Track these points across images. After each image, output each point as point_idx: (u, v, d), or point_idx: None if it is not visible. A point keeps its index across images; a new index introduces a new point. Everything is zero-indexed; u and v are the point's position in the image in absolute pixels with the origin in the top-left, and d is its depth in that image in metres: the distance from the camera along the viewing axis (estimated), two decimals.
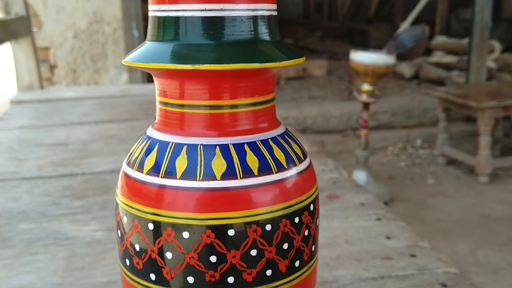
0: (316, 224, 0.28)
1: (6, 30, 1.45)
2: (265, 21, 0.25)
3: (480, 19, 2.89)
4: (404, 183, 2.56)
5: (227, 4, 0.23)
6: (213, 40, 0.23)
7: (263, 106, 0.26)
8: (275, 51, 0.25)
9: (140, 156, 0.26)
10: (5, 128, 1.37)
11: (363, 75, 2.14)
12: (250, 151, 0.25)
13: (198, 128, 0.25)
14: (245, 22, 0.24)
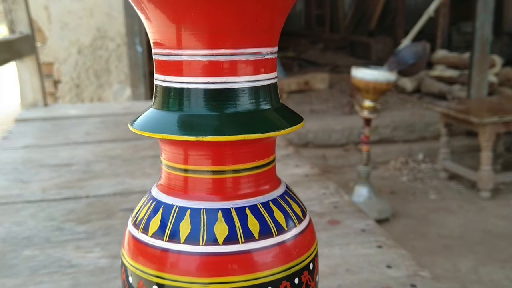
0: (315, 281, 0.29)
1: (10, 50, 1.47)
2: (265, 90, 0.26)
3: (480, 34, 2.91)
4: (406, 198, 2.56)
5: (229, 77, 0.24)
6: (216, 111, 0.25)
7: (264, 168, 0.27)
8: (275, 119, 0.26)
9: (145, 217, 0.27)
10: (9, 147, 1.38)
11: (364, 92, 2.15)
12: (251, 214, 0.26)
13: (201, 192, 0.26)
14: (246, 93, 0.25)
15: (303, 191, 0.99)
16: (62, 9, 2.58)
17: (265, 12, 0.24)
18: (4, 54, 1.37)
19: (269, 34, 0.26)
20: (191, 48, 0.24)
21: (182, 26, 0.24)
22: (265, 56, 0.26)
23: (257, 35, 0.25)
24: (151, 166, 1.22)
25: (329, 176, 2.86)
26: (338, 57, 5.86)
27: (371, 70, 2.11)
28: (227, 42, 0.24)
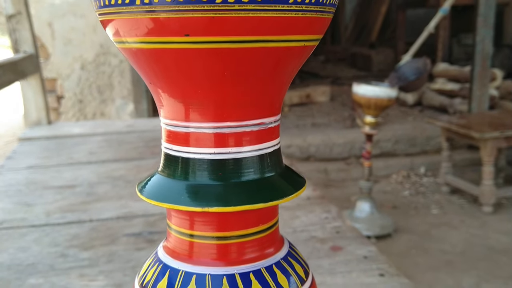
0: None
1: (15, 71, 1.48)
2: (269, 157, 0.27)
3: (481, 48, 2.92)
4: (408, 212, 2.56)
5: (234, 147, 0.25)
6: (221, 180, 0.25)
7: (268, 231, 0.28)
8: (279, 185, 0.27)
9: (152, 280, 0.28)
10: (13, 168, 1.39)
11: (365, 107, 2.16)
12: (255, 280, 0.26)
13: (207, 257, 0.27)
14: (250, 162, 0.26)
15: (306, 215, 1.00)
16: (66, 25, 2.61)
17: (269, 88, 0.25)
18: (9, 75, 1.39)
19: (273, 105, 0.26)
20: (197, 121, 0.25)
21: (190, 103, 0.25)
22: (268, 125, 0.27)
23: (261, 108, 0.26)
24: None
25: (331, 190, 2.87)
26: (339, 69, 5.89)
27: (372, 87, 2.12)
28: (232, 116, 0.25)
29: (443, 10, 2.30)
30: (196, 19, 0.21)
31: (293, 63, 0.26)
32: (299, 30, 0.23)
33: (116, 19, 0.23)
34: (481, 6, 2.87)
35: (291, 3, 0.22)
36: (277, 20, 0.22)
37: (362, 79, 5.37)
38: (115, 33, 0.24)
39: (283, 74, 0.25)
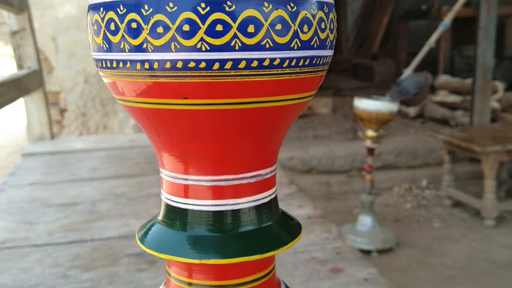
0: None
1: (19, 87, 1.50)
2: (266, 206, 0.28)
3: (482, 61, 2.93)
4: (410, 226, 2.56)
5: (231, 199, 0.26)
6: (218, 232, 0.26)
7: (266, 278, 0.29)
8: (276, 233, 0.27)
9: None
10: (16, 184, 1.40)
11: (367, 122, 2.17)
12: None
13: None
14: (247, 212, 0.27)
15: (306, 235, 1.00)
16: (69, 39, 2.63)
17: (265, 142, 0.26)
18: (13, 93, 1.40)
19: (269, 157, 0.27)
20: (196, 174, 0.26)
21: (189, 158, 0.26)
22: (265, 176, 0.27)
23: (257, 161, 0.27)
24: (155, 205, 1.23)
25: (333, 203, 2.87)
26: (341, 80, 5.90)
27: (374, 101, 2.13)
28: (230, 169, 0.26)
29: (444, 25, 2.31)
30: (194, 84, 0.22)
31: (288, 119, 0.27)
32: (294, 90, 0.24)
33: (117, 80, 0.24)
34: (482, 19, 2.89)
35: (285, 67, 0.23)
36: (272, 83, 0.23)
37: (364, 90, 5.38)
38: (116, 91, 0.25)
39: (279, 129, 0.26)
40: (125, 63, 0.23)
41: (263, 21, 0.22)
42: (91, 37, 0.26)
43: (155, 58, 0.22)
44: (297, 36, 0.23)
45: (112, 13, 0.23)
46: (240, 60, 0.22)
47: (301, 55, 0.23)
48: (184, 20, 0.22)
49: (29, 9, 1.76)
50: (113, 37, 0.23)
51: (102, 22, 0.24)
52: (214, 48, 0.21)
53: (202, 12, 0.22)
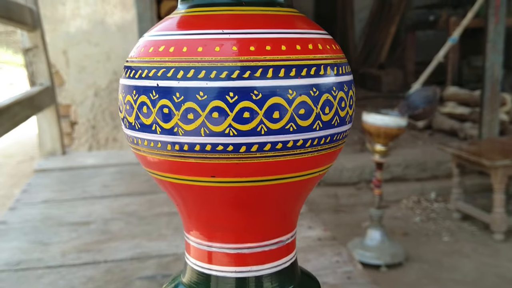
0: None
1: (32, 105, 1.52)
2: (287, 270, 0.29)
3: (491, 74, 2.93)
4: (419, 240, 2.55)
5: (254, 266, 0.27)
6: None
7: None
8: None
9: None
10: (29, 202, 1.42)
11: (375, 136, 2.17)
12: None
13: None
14: (269, 277, 0.28)
15: (316, 258, 1.01)
16: (80, 53, 2.66)
17: (287, 212, 0.27)
18: (26, 111, 1.42)
19: (290, 223, 0.28)
20: (220, 242, 0.27)
21: (213, 227, 0.27)
22: (286, 242, 0.28)
23: (279, 229, 0.28)
24: (166, 225, 1.25)
25: (341, 216, 2.86)
26: None
27: (382, 116, 2.14)
28: (253, 238, 0.27)
29: (452, 39, 2.32)
30: (221, 164, 0.23)
31: (310, 188, 0.28)
32: (316, 165, 0.25)
33: (148, 156, 0.25)
34: (490, 33, 2.89)
35: (307, 147, 0.24)
36: (296, 161, 0.24)
37: (371, 100, 5.38)
38: (146, 164, 0.26)
39: (301, 199, 0.27)
40: (156, 143, 0.24)
41: (287, 107, 0.23)
42: (123, 114, 0.28)
43: (185, 141, 0.23)
44: (319, 118, 0.24)
45: (145, 97, 0.24)
46: (266, 143, 0.23)
47: (322, 134, 0.24)
48: (213, 108, 0.23)
49: (41, 27, 1.78)
50: (145, 119, 0.25)
51: (135, 104, 0.25)
52: (241, 133, 0.23)
53: (230, 100, 0.23)
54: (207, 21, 0.26)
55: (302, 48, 0.25)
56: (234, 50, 0.24)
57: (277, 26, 0.25)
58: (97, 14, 2.62)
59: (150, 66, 0.25)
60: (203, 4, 0.27)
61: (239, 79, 0.23)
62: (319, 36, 0.27)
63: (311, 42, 0.26)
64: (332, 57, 0.26)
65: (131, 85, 0.26)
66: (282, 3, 0.28)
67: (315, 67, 0.25)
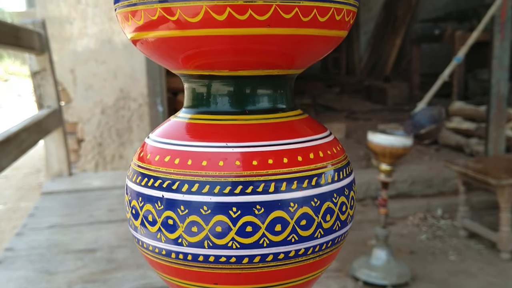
0: None
1: (39, 130, 1.53)
2: None
3: (496, 90, 2.93)
4: (425, 259, 2.53)
5: None
6: None
7: None
8: None
9: None
10: (35, 228, 1.43)
11: (381, 156, 2.17)
12: None
13: None
14: None
15: None
16: (87, 71, 2.69)
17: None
18: (34, 136, 1.44)
19: None
20: None
21: None
22: None
23: None
24: None
25: None
26: (353, 102, 5.91)
27: (387, 136, 2.14)
28: None
29: (457, 59, 2.32)
30: (224, 274, 0.24)
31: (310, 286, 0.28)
32: (317, 268, 0.26)
33: (152, 259, 0.26)
34: (495, 49, 2.89)
35: (309, 254, 0.25)
36: (297, 268, 0.25)
37: (377, 113, 5.38)
38: (151, 265, 0.27)
39: None
40: (161, 250, 0.25)
41: (289, 220, 0.24)
42: (129, 215, 0.28)
43: (189, 251, 0.24)
44: (321, 226, 0.25)
45: (150, 207, 0.25)
46: (268, 254, 0.24)
47: (323, 241, 0.25)
48: (217, 222, 0.24)
49: (49, 50, 1.81)
50: (150, 227, 0.25)
51: (140, 210, 0.26)
52: (243, 246, 0.23)
53: (233, 215, 0.23)
54: (211, 132, 0.27)
55: (304, 159, 0.25)
56: (237, 164, 0.25)
57: (279, 137, 0.26)
58: (104, 33, 2.65)
59: (156, 176, 0.26)
60: (208, 112, 0.28)
61: (242, 194, 0.24)
62: (321, 142, 0.28)
63: (313, 150, 0.26)
64: (334, 162, 0.27)
65: (138, 191, 0.26)
66: (285, 108, 0.29)
67: (316, 177, 0.25)
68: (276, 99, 0.29)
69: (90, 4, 2.62)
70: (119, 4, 0.28)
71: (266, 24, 0.24)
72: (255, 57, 0.26)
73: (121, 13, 0.28)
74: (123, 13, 0.27)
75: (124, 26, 0.28)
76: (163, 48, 0.27)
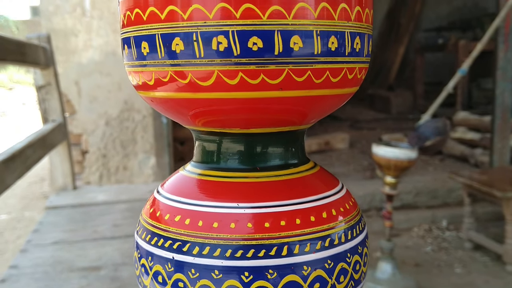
0: None
1: (44, 145, 1.54)
2: None
3: (501, 101, 2.92)
4: (431, 271, 2.52)
5: None
6: None
7: None
8: None
9: None
10: (40, 244, 1.43)
11: (385, 168, 2.16)
12: None
13: None
14: None
15: None
16: (92, 83, 2.70)
17: None
18: (39, 152, 1.44)
19: None
20: None
21: None
22: None
23: None
24: None
25: None
26: (357, 111, 5.90)
27: (392, 148, 2.13)
28: None
29: (462, 71, 2.31)
30: None
31: None
32: None
33: None
34: (499, 60, 2.89)
35: None
36: None
37: (381, 122, 5.37)
38: None
39: None
40: None
41: (302, 284, 0.23)
42: (138, 272, 0.28)
43: None
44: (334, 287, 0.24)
45: (160, 267, 0.25)
46: None
47: None
48: (228, 287, 0.23)
49: (54, 64, 1.81)
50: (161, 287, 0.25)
51: (150, 270, 0.25)
52: None
53: (245, 280, 0.23)
54: (222, 190, 0.26)
55: (317, 219, 0.25)
56: (249, 227, 0.24)
57: (291, 196, 0.26)
58: (109, 45, 2.66)
59: (166, 236, 0.25)
60: (219, 168, 0.28)
61: (254, 258, 0.23)
62: (334, 198, 0.27)
63: (325, 209, 0.26)
64: (347, 219, 0.26)
65: (148, 250, 0.26)
66: (296, 163, 0.29)
67: (329, 237, 0.25)
68: (287, 154, 0.29)
69: (95, 17, 2.63)
70: (130, 63, 0.28)
71: (278, 87, 0.24)
72: (267, 116, 0.26)
73: (131, 71, 0.28)
74: (133, 71, 0.27)
75: (133, 81, 0.28)
76: (172, 105, 0.27)
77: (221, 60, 0.24)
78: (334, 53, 0.26)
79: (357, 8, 0.27)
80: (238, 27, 0.23)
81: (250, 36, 0.23)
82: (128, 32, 0.28)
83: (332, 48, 0.25)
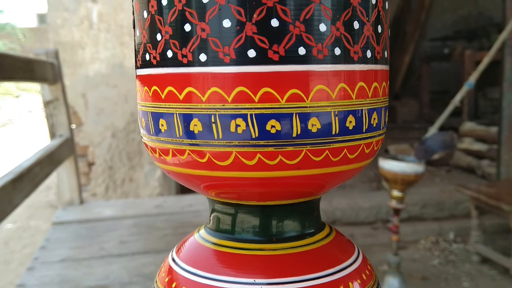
0: None
1: (52, 162, 1.54)
2: None
3: (508, 113, 2.91)
4: (438, 285, 2.50)
5: None
6: None
7: None
8: None
9: None
10: (46, 261, 1.43)
11: (392, 182, 2.16)
12: None
13: None
14: None
15: None
16: (99, 96, 2.71)
17: None
18: (47, 169, 1.44)
19: None
20: None
21: None
22: None
23: None
24: None
25: None
26: None
27: (399, 162, 2.12)
28: None
29: (469, 84, 2.31)
30: None
31: None
32: None
33: None
34: (506, 72, 2.88)
35: None
36: None
37: (387, 131, 5.35)
38: None
39: None
40: None
41: None
42: None
43: None
44: None
45: None
46: None
47: None
48: None
49: (62, 79, 1.82)
50: None
51: None
52: None
53: None
54: (238, 264, 0.26)
55: None
56: None
57: (308, 270, 0.26)
58: (116, 57, 2.68)
59: None
60: (234, 239, 0.28)
61: None
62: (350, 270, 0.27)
63: (343, 283, 0.26)
64: None
65: None
66: (313, 232, 0.29)
67: None
68: (304, 224, 0.28)
69: (102, 29, 2.65)
70: (147, 136, 0.28)
71: (296, 167, 0.24)
72: (284, 190, 0.26)
73: (148, 143, 0.28)
74: (151, 145, 0.27)
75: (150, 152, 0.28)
76: (189, 179, 0.27)
77: (239, 142, 0.24)
78: (352, 131, 0.26)
79: (374, 84, 0.28)
80: (256, 110, 0.23)
81: (269, 119, 0.23)
82: (146, 106, 0.28)
83: (350, 127, 0.25)
